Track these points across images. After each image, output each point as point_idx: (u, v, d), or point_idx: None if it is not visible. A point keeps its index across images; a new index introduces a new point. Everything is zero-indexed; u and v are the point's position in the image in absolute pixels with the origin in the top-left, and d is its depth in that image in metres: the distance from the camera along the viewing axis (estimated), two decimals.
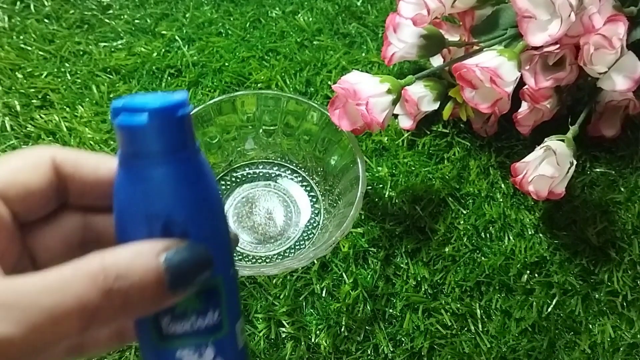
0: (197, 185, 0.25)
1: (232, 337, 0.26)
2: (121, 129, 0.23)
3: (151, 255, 0.22)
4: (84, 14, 0.65)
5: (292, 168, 0.53)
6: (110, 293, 0.20)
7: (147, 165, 0.24)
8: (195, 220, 0.24)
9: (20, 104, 0.56)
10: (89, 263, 0.21)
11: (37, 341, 0.19)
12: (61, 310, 0.20)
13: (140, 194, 0.24)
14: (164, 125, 0.23)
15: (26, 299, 0.19)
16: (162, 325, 0.24)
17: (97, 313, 0.20)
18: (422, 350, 0.44)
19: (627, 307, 0.47)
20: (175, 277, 0.22)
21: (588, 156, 0.56)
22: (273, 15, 0.67)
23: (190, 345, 0.25)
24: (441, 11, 0.49)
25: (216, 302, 0.25)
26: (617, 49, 0.44)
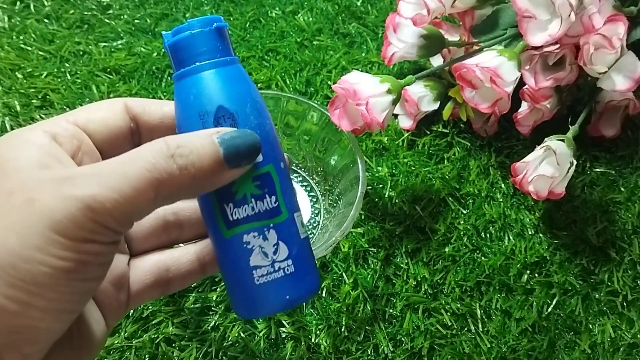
0: (241, 84, 0.29)
1: (293, 224, 0.29)
2: (173, 47, 0.28)
3: (207, 134, 0.26)
4: (84, 14, 0.65)
5: (292, 168, 0.53)
6: (174, 157, 0.24)
7: (196, 70, 0.28)
8: (241, 113, 0.28)
9: (20, 104, 0.56)
10: (156, 140, 0.24)
11: (122, 204, 0.22)
12: (135, 174, 0.23)
13: (193, 97, 0.28)
14: (204, 34, 0.28)
15: (104, 169, 0.23)
16: (227, 212, 0.28)
17: (166, 178, 0.23)
18: (422, 350, 0.44)
19: (627, 307, 0.47)
20: (229, 151, 0.26)
21: (588, 156, 0.56)
22: (273, 15, 0.67)
23: (254, 229, 0.28)
24: (441, 11, 0.49)
25: (271, 189, 0.28)
26: (617, 49, 0.44)
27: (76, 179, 0.22)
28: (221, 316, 0.44)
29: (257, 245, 0.28)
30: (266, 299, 0.28)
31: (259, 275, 0.28)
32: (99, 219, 0.22)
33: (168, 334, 0.43)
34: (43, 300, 0.21)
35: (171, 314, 0.44)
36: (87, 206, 0.21)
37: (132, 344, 0.42)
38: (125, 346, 0.42)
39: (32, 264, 0.21)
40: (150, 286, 0.31)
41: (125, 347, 0.42)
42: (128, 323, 0.43)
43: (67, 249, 0.21)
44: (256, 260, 0.28)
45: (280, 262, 0.28)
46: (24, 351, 0.22)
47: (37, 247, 0.21)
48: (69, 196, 0.21)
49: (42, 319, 0.22)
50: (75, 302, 0.23)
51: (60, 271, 0.21)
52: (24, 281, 0.21)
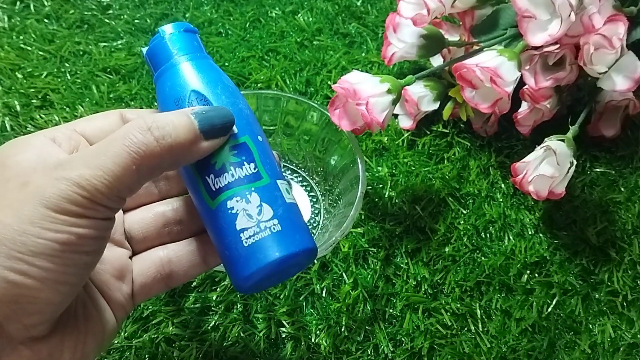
0: (211, 71, 0.31)
1: (276, 189, 0.30)
2: (149, 53, 0.32)
3: (182, 111, 0.28)
4: (84, 14, 0.65)
5: (292, 168, 0.53)
6: (151, 130, 0.26)
7: (171, 67, 0.31)
8: (213, 94, 0.30)
9: (20, 104, 0.56)
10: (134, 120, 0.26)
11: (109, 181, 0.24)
12: (117, 152, 0.25)
13: (168, 88, 0.31)
14: (175, 35, 0.31)
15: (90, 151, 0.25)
16: (209, 183, 0.29)
17: (146, 153, 0.25)
18: (422, 350, 0.44)
19: (627, 307, 0.47)
20: (204, 123, 0.28)
21: (588, 156, 0.56)
22: (273, 15, 0.67)
23: (236, 194, 0.29)
24: (441, 11, 0.49)
25: (249, 157, 0.30)
26: (617, 49, 0.44)
27: (65, 163, 0.25)
28: (221, 316, 0.44)
29: (240, 208, 0.29)
30: (256, 258, 0.29)
31: (246, 237, 0.29)
32: (89, 195, 0.24)
33: (168, 334, 0.43)
34: (40, 271, 0.23)
35: (171, 314, 0.44)
36: (76, 183, 0.24)
37: (132, 344, 0.42)
38: (125, 346, 0.42)
39: (26, 236, 0.23)
40: (154, 280, 0.32)
41: (125, 347, 0.42)
42: (128, 323, 0.43)
43: (60, 222, 0.23)
44: (242, 222, 0.29)
45: (266, 221, 0.29)
46: (25, 322, 0.24)
47: (31, 221, 0.23)
48: (59, 177, 0.24)
49: (40, 289, 0.23)
50: (72, 274, 0.24)
51: (55, 242, 0.23)
52: (20, 252, 0.22)
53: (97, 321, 0.28)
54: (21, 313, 0.23)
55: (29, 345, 0.24)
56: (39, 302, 0.24)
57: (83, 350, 0.27)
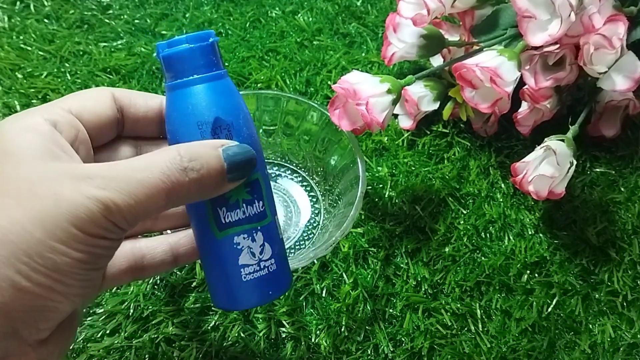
0: (233, 96, 0.31)
1: (275, 226, 0.32)
2: (169, 58, 0.30)
3: (213, 146, 0.28)
4: (84, 14, 0.65)
5: (292, 168, 0.53)
6: (187, 171, 0.26)
7: (193, 82, 0.30)
8: (236, 124, 0.30)
9: (20, 104, 0.56)
10: (168, 150, 0.27)
11: (136, 209, 0.25)
12: (151, 182, 0.25)
13: (191, 107, 0.30)
14: (202, 48, 0.30)
15: (122, 173, 0.25)
16: (220, 215, 0.30)
17: (177, 188, 0.26)
18: (422, 350, 0.44)
19: (627, 307, 0.47)
20: (231, 166, 0.28)
21: (588, 156, 0.56)
22: (273, 15, 0.67)
23: (244, 231, 0.30)
24: (441, 11, 0.49)
25: (259, 194, 0.31)
26: (617, 48, 0.44)
27: (95, 180, 0.24)
28: (221, 316, 0.44)
29: (246, 245, 0.30)
30: (252, 294, 0.31)
31: (246, 273, 0.31)
32: (113, 219, 0.24)
33: (168, 334, 0.43)
34: (63, 286, 0.24)
35: (171, 314, 0.44)
36: (106, 207, 0.24)
37: (132, 344, 0.42)
38: (125, 346, 0.42)
39: (55, 254, 0.23)
40: (125, 271, 0.32)
41: (125, 347, 0.42)
42: (128, 323, 0.43)
43: (83, 242, 0.24)
44: (245, 259, 0.31)
45: (265, 261, 0.31)
46: (40, 327, 0.25)
47: (61, 239, 0.23)
48: (90, 196, 0.24)
49: (60, 302, 0.24)
50: (87, 287, 0.26)
51: (77, 261, 0.24)
52: (47, 268, 0.23)
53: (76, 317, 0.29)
54: (38, 319, 0.24)
55: (35, 348, 0.25)
56: (57, 312, 0.25)
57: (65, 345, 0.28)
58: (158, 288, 0.45)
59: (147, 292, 0.45)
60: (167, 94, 0.31)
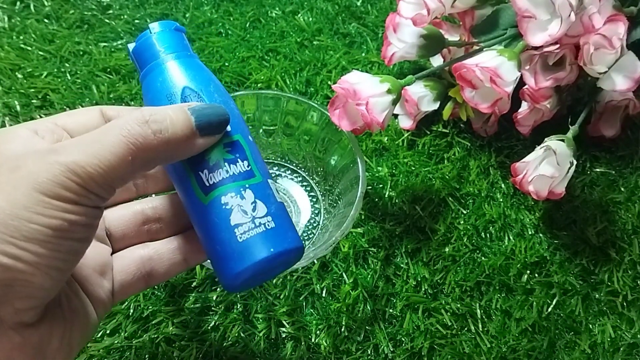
0: (202, 70, 0.31)
1: (268, 187, 0.31)
2: (137, 50, 0.32)
3: (179, 106, 0.28)
4: (84, 14, 0.65)
5: (292, 168, 0.53)
6: (149, 123, 0.26)
7: (161, 63, 0.31)
8: (206, 91, 0.31)
9: (20, 104, 0.56)
10: (130, 112, 0.27)
11: (102, 169, 0.24)
12: (112, 141, 0.25)
13: (159, 84, 0.31)
14: (164, 33, 0.31)
15: (84, 139, 0.25)
16: (202, 178, 0.29)
17: (142, 143, 0.25)
18: (422, 350, 0.44)
19: (627, 307, 0.47)
20: (200, 119, 0.28)
21: (588, 156, 0.56)
22: (273, 15, 0.67)
23: (231, 189, 0.29)
24: (441, 11, 0.49)
25: (242, 154, 0.30)
26: (617, 48, 0.44)
27: (59, 149, 0.24)
28: (221, 316, 0.44)
29: (235, 204, 0.29)
30: (251, 253, 0.29)
31: (241, 232, 0.29)
32: (82, 182, 0.24)
33: (168, 334, 0.43)
34: (32, 255, 0.23)
35: (171, 314, 0.44)
36: (70, 170, 0.23)
37: (132, 344, 0.42)
38: (125, 346, 0.42)
39: (19, 221, 0.22)
40: (135, 279, 0.32)
41: (125, 347, 0.42)
42: (128, 323, 0.43)
43: (53, 208, 0.23)
44: (237, 218, 0.29)
45: (260, 218, 0.29)
46: (17, 305, 0.24)
47: (24, 206, 0.23)
48: (52, 162, 0.23)
49: (32, 274, 0.23)
50: (64, 260, 0.24)
51: (47, 228, 0.23)
52: (12, 237, 0.22)
53: (81, 313, 0.28)
54: (13, 296, 0.23)
55: (19, 331, 0.25)
56: (31, 286, 0.24)
57: (70, 339, 0.27)
58: (158, 288, 0.45)
59: (147, 292, 0.45)
60: (142, 88, 0.32)
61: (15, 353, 0.25)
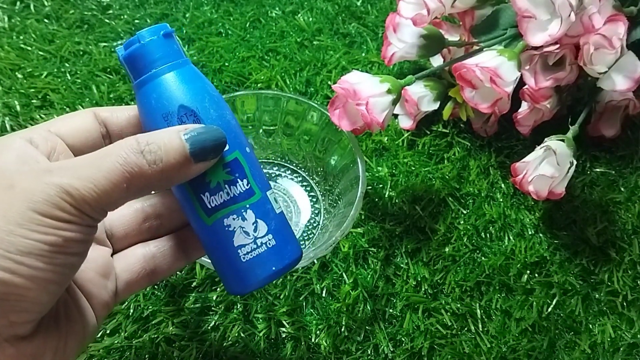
0: (197, 81, 0.31)
1: (267, 202, 0.31)
2: (127, 58, 0.30)
3: (174, 131, 0.28)
4: (84, 14, 0.65)
5: (292, 168, 0.53)
6: (144, 153, 0.26)
7: (153, 76, 0.30)
8: (201, 108, 0.30)
9: (20, 104, 0.56)
10: (127, 138, 0.27)
11: (97, 192, 0.25)
12: (108, 167, 0.25)
13: (154, 101, 0.30)
14: (154, 42, 0.30)
15: (80, 162, 0.25)
16: (204, 201, 0.30)
17: (137, 172, 0.26)
18: (422, 350, 0.44)
19: (627, 307, 0.47)
20: (195, 146, 0.28)
21: (588, 156, 0.56)
22: (273, 15, 0.67)
23: (232, 212, 0.30)
24: (441, 11, 0.49)
25: (241, 173, 0.31)
26: (617, 49, 0.44)
27: (54, 170, 0.25)
28: (221, 316, 0.44)
29: (237, 226, 0.30)
30: (254, 273, 0.31)
31: (244, 253, 0.30)
32: (76, 204, 0.24)
33: (168, 334, 0.43)
34: (28, 269, 0.23)
35: (171, 314, 0.44)
36: (65, 191, 0.24)
37: (132, 344, 0.42)
38: (125, 346, 0.42)
39: (14, 236, 0.23)
40: (139, 276, 0.32)
41: (125, 347, 0.42)
42: (128, 323, 0.43)
43: (47, 225, 0.24)
44: (239, 240, 0.30)
45: (262, 237, 0.31)
46: (12, 319, 0.24)
47: (18, 223, 0.23)
48: (48, 182, 0.24)
49: (29, 288, 0.24)
50: (60, 273, 0.25)
51: (42, 243, 0.24)
52: (8, 251, 0.23)
53: (78, 322, 0.28)
54: (9, 310, 0.24)
55: (14, 343, 0.25)
56: (27, 300, 0.24)
57: (64, 350, 0.27)
58: (158, 288, 0.45)
59: (147, 292, 0.45)
60: (135, 95, 0.31)
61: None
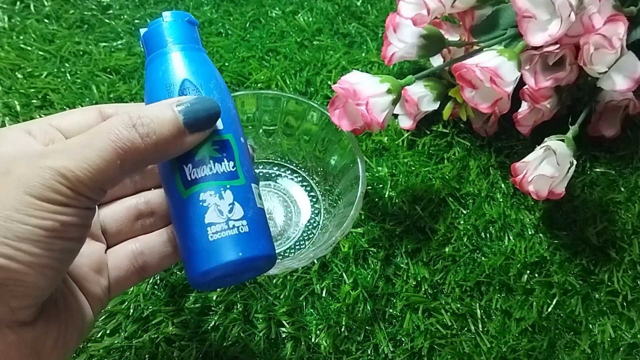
0: (207, 66, 0.31)
1: (249, 191, 0.30)
2: (147, 36, 0.31)
3: (166, 103, 0.28)
4: (84, 14, 0.65)
5: (292, 168, 0.53)
6: (136, 127, 0.26)
7: (166, 52, 0.31)
8: (205, 87, 0.30)
9: (20, 104, 0.56)
10: (117, 115, 0.27)
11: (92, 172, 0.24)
12: (101, 145, 0.25)
13: (161, 72, 0.30)
14: (176, 23, 0.31)
15: (73, 142, 0.25)
16: (185, 172, 0.29)
17: (130, 147, 0.26)
18: (422, 350, 0.44)
19: (627, 307, 0.47)
20: (188, 116, 0.27)
21: (588, 156, 0.56)
22: (273, 15, 0.67)
23: (211, 188, 0.29)
24: (441, 11, 0.49)
25: (230, 155, 0.30)
26: (617, 48, 0.44)
27: (49, 153, 0.25)
28: (221, 316, 0.44)
29: (212, 203, 0.29)
30: (218, 254, 0.29)
31: (213, 231, 0.29)
32: (72, 185, 0.24)
33: (168, 334, 0.43)
34: (26, 255, 0.23)
35: (171, 314, 0.44)
36: (60, 174, 0.24)
37: (132, 344, 0.42)
38: (125, 346, 0.42)
39: (11, 222, 0.23)
40: (128, 273, 0.32)
41: (125, 347, 0.42)
42: (128, 323, 0.43)
43: (44, 210, 0.24)
44: (211, 217, 0.29)
45: (235, 220, 0.29)
46: (12, 304, 0.24)
47: (15, 208, 0.23)
48: (43, 166, 0.24)
49: (26, 273, 0.23)
50: (58, 259, 0.25)
51: (40, 228, 0.23)
52: (6, 237, 0.23)
53: (77, 312, 0.28)
54: (8, 296, 0.24)
55: (15, 330, 0.25)
56: (26, 285, 0.24)
57: (65, 338, 0.27)
58: (158, 288, 0.45)
59: (147, 292, 0.45)
60: (145, 73, 0.31)
61: (11, 351, 0.25)
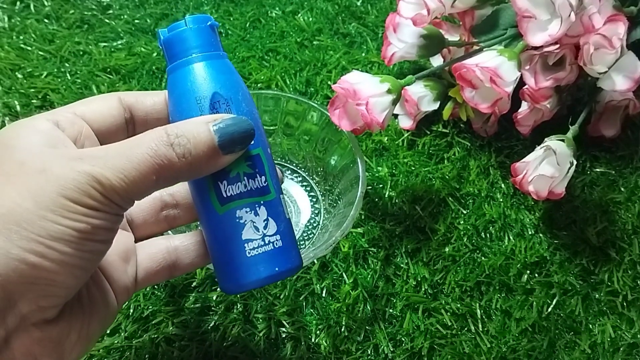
0: (232, 75, 0.31)
1: (280, 204, 0.32)
2: (169, 42, 0.31)
3: (203, 122, 0.28)
4: (84, 14, 0.65)
5: (292, 168, 0.53)
6: (173, 146, 0.26)
7: (192, 61, 0.30)
8: (234, 99, 0.30)
9: (20, 104, 0.56)
10: (156, 129, 0.27)
11: (126, 182, 0.25)
12: (138, 158, 0.25)
13: (190, 84, 0.30)
14: (200, 29, 0.31)
15: (111, 151, 0.26)
16: (221, 189, 0.30)
17: (166, 164, 0.26)
18: (422, 350, 0.44)
19: (627, 307, 0.47)
20: (223, 138, 0.28)
21: (588, 156, 0.56)
22: (273, 15, 0.67)
23: (246, 205, 0.30)
24: (441, 11, 0.49)
25: (261, 169, 0.31)
26: (617, 48, 0.44)
27: (85, 158, 0.25)
28: (221, 316, 0.44)
29: (249, 220, 0.30)
30: (257, 270, 0.30)
31: (250, 248, 0.30)
32: (105, 192, 0.25)
33: (168, 334, 0.43)
34: (58, 254, 0.24)
35: (171, 314, 0.44)
36: (95, 179, 0.24)
37: (132, 344, 0.42)
38: (125, 346, 0.42)
39: (45, 222, 0.23)
40: (160, 267, 0.33)
41: (126, 347, 0.42)
42: (128, 323, 0.43)
43: (77, 212, 0.24)
44: (248, 234, 0.30)
45: (270, 236, 0.31)
46: (40, 303, 0.24)
47: (50, 209, 0.24)
48: (79, 170, 0.24)
49: (57, 272, 0.24)
50: (87, 259, 0.25)
51: (72, 229, 0.24)
52: (39, 235, 0.23)
53: (101, 303, 0.29)
54: (38, 294, 0.24)
55: (40, 327, 0.25)
56: (55, 284, 0.24)
57: (87, 332, 0.28)
58: (158, 288, 0.45)
59: (147, 292, 0.45)
60: (168, 78, 0.31)
61: (36, 347, 0.25)
